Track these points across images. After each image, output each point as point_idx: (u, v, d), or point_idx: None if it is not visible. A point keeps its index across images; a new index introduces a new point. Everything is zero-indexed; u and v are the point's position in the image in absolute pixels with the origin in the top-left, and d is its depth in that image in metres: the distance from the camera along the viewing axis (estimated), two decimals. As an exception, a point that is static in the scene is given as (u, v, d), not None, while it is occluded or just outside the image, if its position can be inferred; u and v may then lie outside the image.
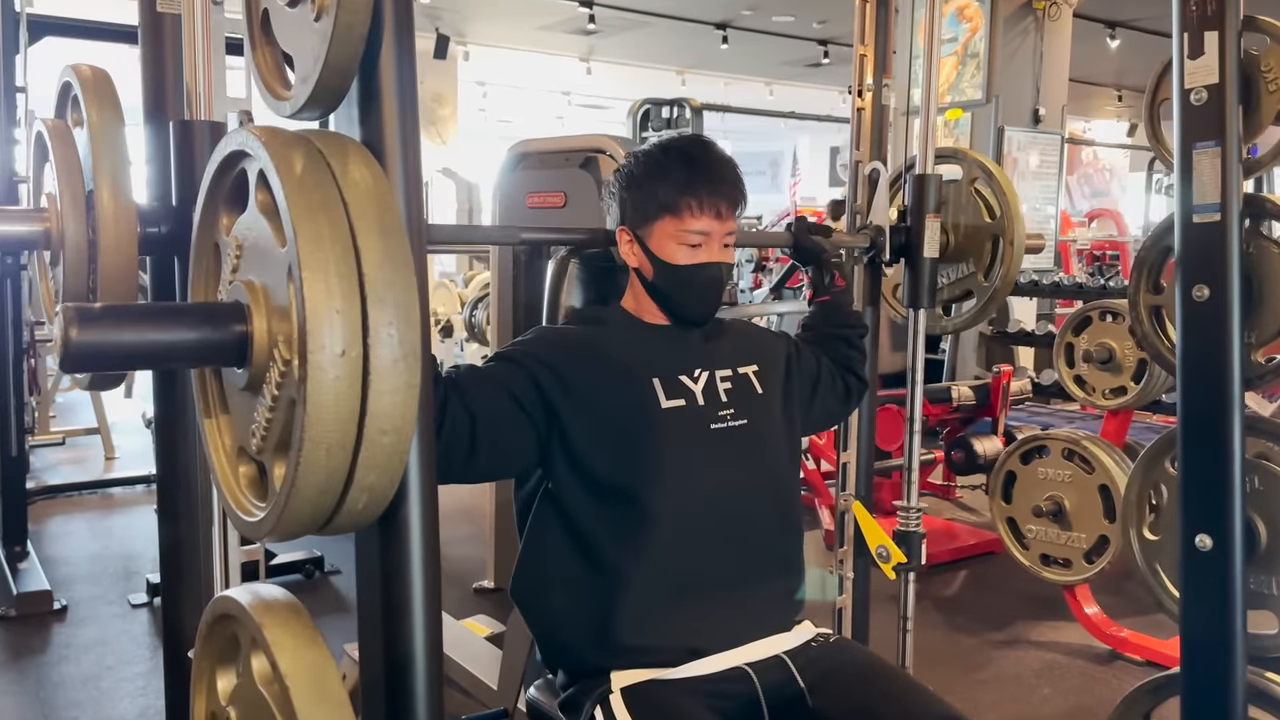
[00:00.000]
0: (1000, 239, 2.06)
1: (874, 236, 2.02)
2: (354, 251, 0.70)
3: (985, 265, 2.09)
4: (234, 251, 0.81)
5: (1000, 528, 3.22)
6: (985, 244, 2.09)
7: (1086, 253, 8.33)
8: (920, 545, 2.05)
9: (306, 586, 3.62)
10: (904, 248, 2.02)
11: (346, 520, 0.76)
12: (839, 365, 1.75)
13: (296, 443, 0.69)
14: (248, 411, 0.80)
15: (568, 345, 1.48)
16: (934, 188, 2.00)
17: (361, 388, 0.69)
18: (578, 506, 1.44)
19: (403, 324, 0.70)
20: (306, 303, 0.67)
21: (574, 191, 3.05)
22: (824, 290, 1.81)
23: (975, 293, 2.12)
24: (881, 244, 2.01)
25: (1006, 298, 6.46)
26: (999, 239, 2.07)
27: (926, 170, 2.00)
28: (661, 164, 1.49)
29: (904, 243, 2.02)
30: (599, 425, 1.42)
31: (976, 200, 2.10)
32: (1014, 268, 2.04)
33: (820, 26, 10.65)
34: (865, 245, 2.01)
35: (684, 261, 1.48)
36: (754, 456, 1.52)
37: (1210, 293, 1.58)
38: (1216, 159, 1.56)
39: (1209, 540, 1.60)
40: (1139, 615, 3.39)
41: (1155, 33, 10.43)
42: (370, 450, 0.71)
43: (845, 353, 1.76)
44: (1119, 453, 2.99)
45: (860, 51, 2.08)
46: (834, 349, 1.76)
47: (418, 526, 0.83)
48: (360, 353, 0.69)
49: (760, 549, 1.51)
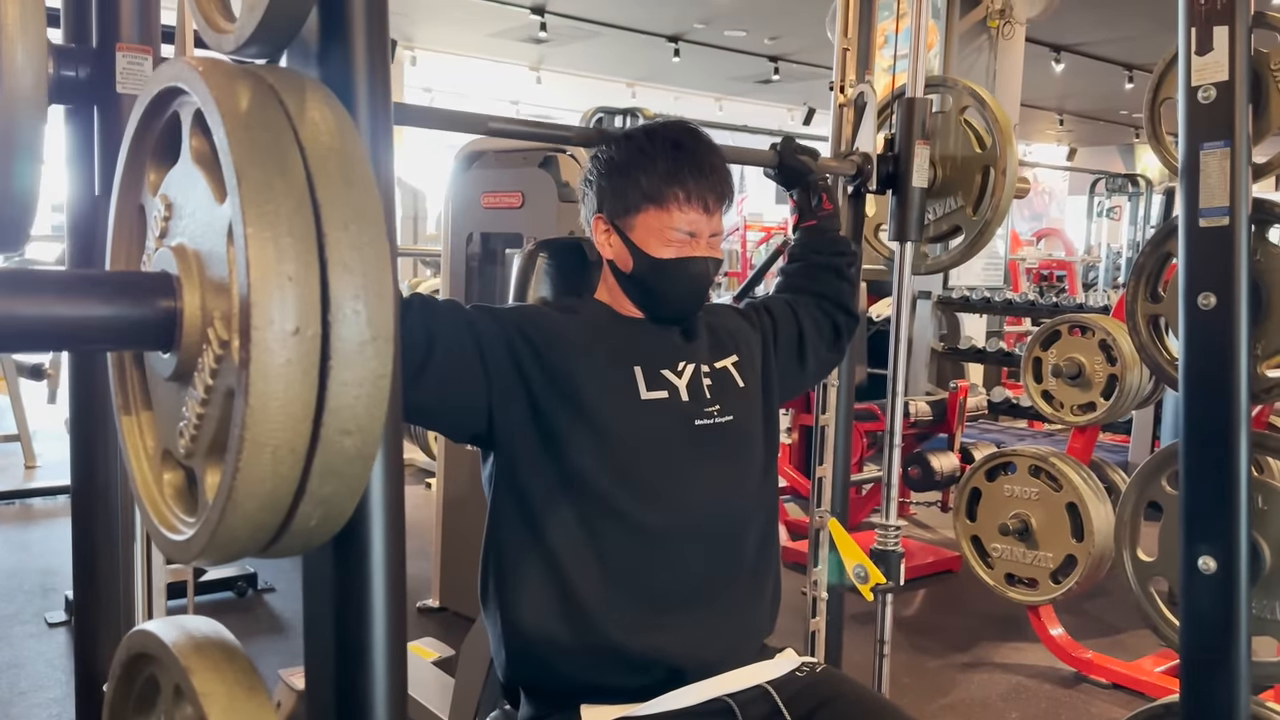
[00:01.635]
0: (991, 169, 1.96)
1: (861, 164, 1.90)
2: (312, 205, 0.56)
3: (974, 198, 1.99)
4: (161, 213, 0.67)
5: (964, 546, 3.14)
6: (975, 176, 1.98)
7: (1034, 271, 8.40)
8: (900, 565, 1.95)
9: (238, 605, 3.41)
10: (891, 177, 1.92)
11: (295, 541, 0.62)
12: (827, 302, 1.61)
13: (235, 444, 0.55)
14: (175, 407, 0.66)
15: (544, 322, 1.37)
16: (925, 112, 1.91)
17: (319, 376, 0.56)
18: (544, 502, 1.32)
19: (373, 298, 0.57)
20: (251, 266, 0.53)
21: (532, 191, 2.92)
22: (810, 214, 1.69)
23: (964, 228, 2.01)
24: (869, 172, 1.90)
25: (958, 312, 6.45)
26: (990, 169, 1.97)
27: (917, 94, 1.90)
28: (646, 150, 1.38)
29: (891, 172, 1.92)
30: (571, 411, 1.31)
31: (966, 131, 2.01)
32: (1006, 199, 1.94)
33: (771, 43, 10.67)
34: (851, 173, 1.90)
35: (670, 255, 1.37)
36: (739, 457, 1.41)
37: (1217, 301, 1.50)
38: (1225, 160, 1.49)
39: (1213, 562, 1.52)
40: (1101, 636, 3.34)
41: (1100, 58, 10.63)
42: (328, 455, 0.58)
43: (834, 285, 1.64)
44: (1087, 470, 2.93)
45: (842, 45, 1.98)
46: (822, 281, 1.63)
47: (380, 548, 0.69)
48: (318, 331, 0.55)
49: (744, 561, 1.40)
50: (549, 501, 1.30)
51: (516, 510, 1.32)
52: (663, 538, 1.32)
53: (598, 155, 1.44)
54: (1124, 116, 14.48)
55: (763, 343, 1.52)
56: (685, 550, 1.34)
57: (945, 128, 2.03)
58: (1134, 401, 2.89)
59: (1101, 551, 2.83)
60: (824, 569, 2.02)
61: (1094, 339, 2.89)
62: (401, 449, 0.71)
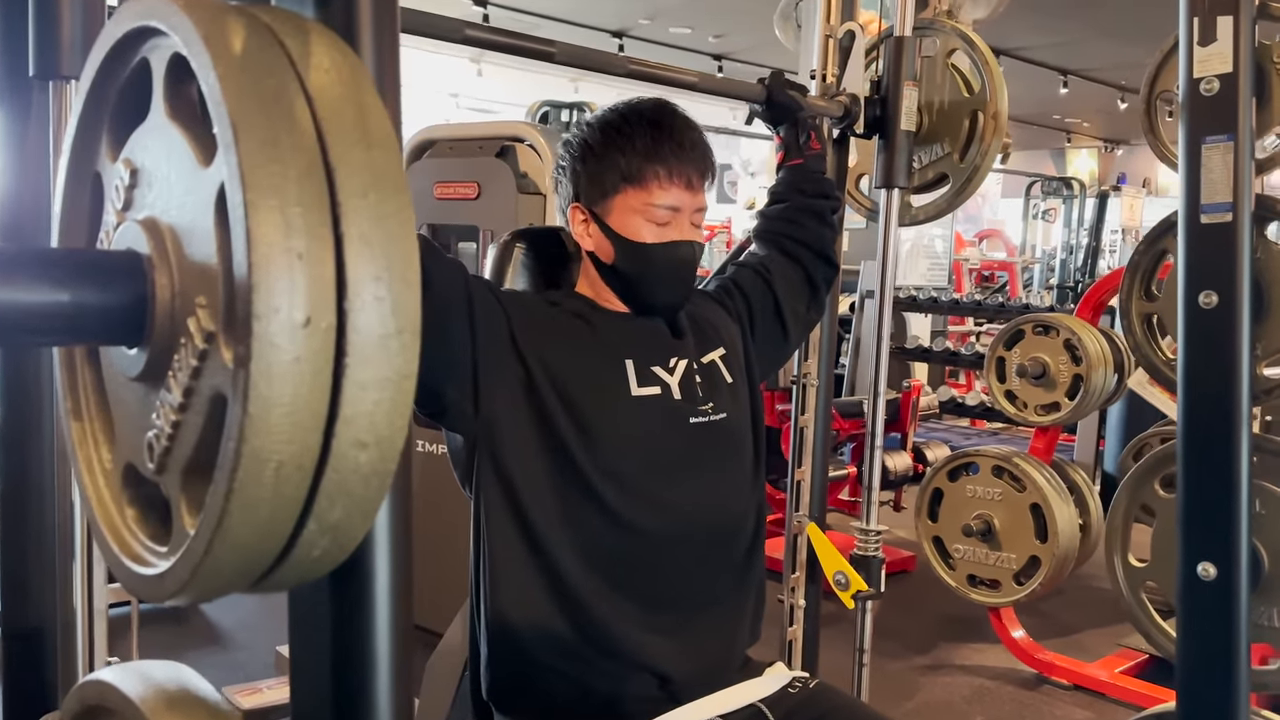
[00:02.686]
0: (980, 114, 1.90)
1: (849, 104, 1.83)
2: (324, 169, 0.46)
3: (962, 145, 1.93)
4: (124, 181, 0.56)
5: (926, 547, 3.10)
6: (962, 121, 1.92)
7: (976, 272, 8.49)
8: (880, 571, 1.89)
9: (173, 616, 3.24)
10: (879, 120, 1.85)
11: (291, 575, 0.52)
12: (806, 250, 1.53)
13: (229, 460, 0.45)
14: (141, 413, 0.55)
15: (533, 307, 1.30)
16: (913, 52, 1.84)
17: (333, 377, 0.46)
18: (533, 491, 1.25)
19: (397, 281, 0.47)
20: (253, 242, 0.43)
21: (489, 182, 2.80)
22: (797, 152, 1.62)
23: (950, 175, 1.95)
24: (856, 113, 1.83)
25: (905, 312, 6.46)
26: (978, 114, 1.91)
27: (905, 33, 1.84)
28: (621, 130, 1.30)
29: (879, 115, 1.85)
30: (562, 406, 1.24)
31: (953, 75, 1.95)
32: (995, 144, 1.88)
33: (716, 40, 10.64)
34: (839, 114, 1.82)
35: (651, 239, 1.28)
36: (733, 457, 1.35)
37: (1219, 299, 1.46)
38: (1229, 154, 1.44)
39: (1212, 569, 1.47)
40: (1058, 637, 3.33)
41: (1037, 63, 10.80)
42: (340, 473, 0.47)
43: (816, 230, 1.56)
44: (1050, 470, 2.91)
45: (825, 32, 1.91)
46: (804, 227, 1.55)
47: (386, 582, 0.59)
48: (333, 323, 0.45)
49: (734, 565, 1.33)
50: (537, 493, 1.22)
51: (504, 498, 1.23)
52: (653, 538, 1.25)
53: (570, 140, 1.35)
54: (1057, 121, 14.77)
55: (742, 333, 1.45)
56: (676, 552, 1.27)
57: (931, 72, 1.97)
58: (1099, 401, 2.89)
59: (1065, 552, 2.82)
60: (802, 575, 1.95)
61: (1058, 339, 2.87)
62: (411, 465, 0.61)
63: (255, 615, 3.27)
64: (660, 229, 1.28)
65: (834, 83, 1.89)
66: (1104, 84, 11.78)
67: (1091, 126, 15.34)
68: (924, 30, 1.98)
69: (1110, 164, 16.36)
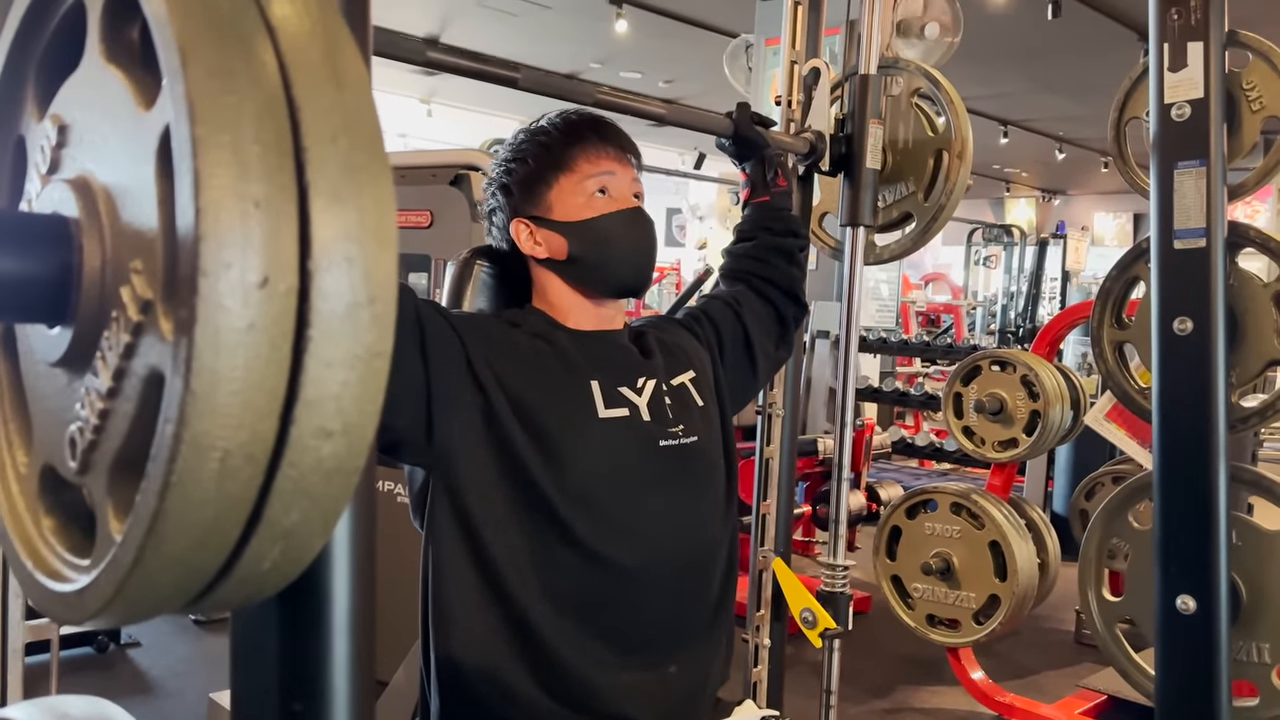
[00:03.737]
0: (945, 153, 1.89)
1: (814, 141, 1.79)
2: (287, 108, 0.39)
3: (926, 184, 1.90)
4: (51, 139, 0.49)
5: (884, 586, 3.05)
6: (927, 160, 1.90)
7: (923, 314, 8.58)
8: (849, 607, 1.83)
9: (98, 663, 3.06)
10: (844, 158, 1.82)
11: (236, 592, 0.44)
12: (775, 289, 1.49)
13: (165, 448, 0.38)
14: (63, 404, 0.47)
15: (492, 329, 1.23)
16: (879, 90, 1.82)
17: (293, 351, 0.39)
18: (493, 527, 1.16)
19: (371, 241, 0.40)
20: (201, 183, 0.36)
21: (442, 210, 2.74)
22: (764, 189, 1.57)
23: (915, 215, 1.92)
24: (822, 150, 1.79)
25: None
26: (943, 153, 1.89)
27: (870, 71, 1.81)
28: (536, 134, 1.28)
29: (844, 153, 1.81)
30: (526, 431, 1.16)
31: (918, 114, 1.93)
32: (960, 184, 1.86)
33: (666, 86, 10.74)
34: (804, 150, 1.79)
35: (597, 213, 1.24)
36: (704, 482, 1.28)
37: (1193, 325, 1.44)
38: (1201, 179, 1.43)
39: (1192, 602, 1.44)
40: (1015, 678, 3.29)
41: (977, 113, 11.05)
42: (299, 467, 0.40)
43: (784, 270, 1.51)
44: (1008, 507, 2.89)
45: (790, 57, 1.89)
46: (772, 266, 1.51)
47: (345, 604, 0.51)
48: (294, 285, 0.38)
49: (709, 599, 1.26)
50: (498, 527, 1.14)
51: (461, 538, 1.15)
52: (624, 572, 1.17)
53: (495, 165, 1.33)
54: (997, 170, 15.12)
55: (712, 359, 1.40)
56: (650, 585, 1.19)
57: (896, 111, 1.96)
58: (1056, 438, 2.87)
59: (1025, 591, 2.78)
60: (767, 613, 1.88)
61: (1015, 374, 2.87)
62: (375, 467, 0.54)
63: (186, 661, 3.11)
64: (604, 204, 1.25)
65: (799, 118, 1.87)
66: (1043, 134, 12.10)
67: (1030, 176, 15.73)
68: (889, 69, 1.97)
69: (1048, 213, 16.77)
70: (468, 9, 8.04)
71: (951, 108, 1.90)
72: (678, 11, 7.88)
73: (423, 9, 8.11)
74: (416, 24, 8.60)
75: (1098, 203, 16.35)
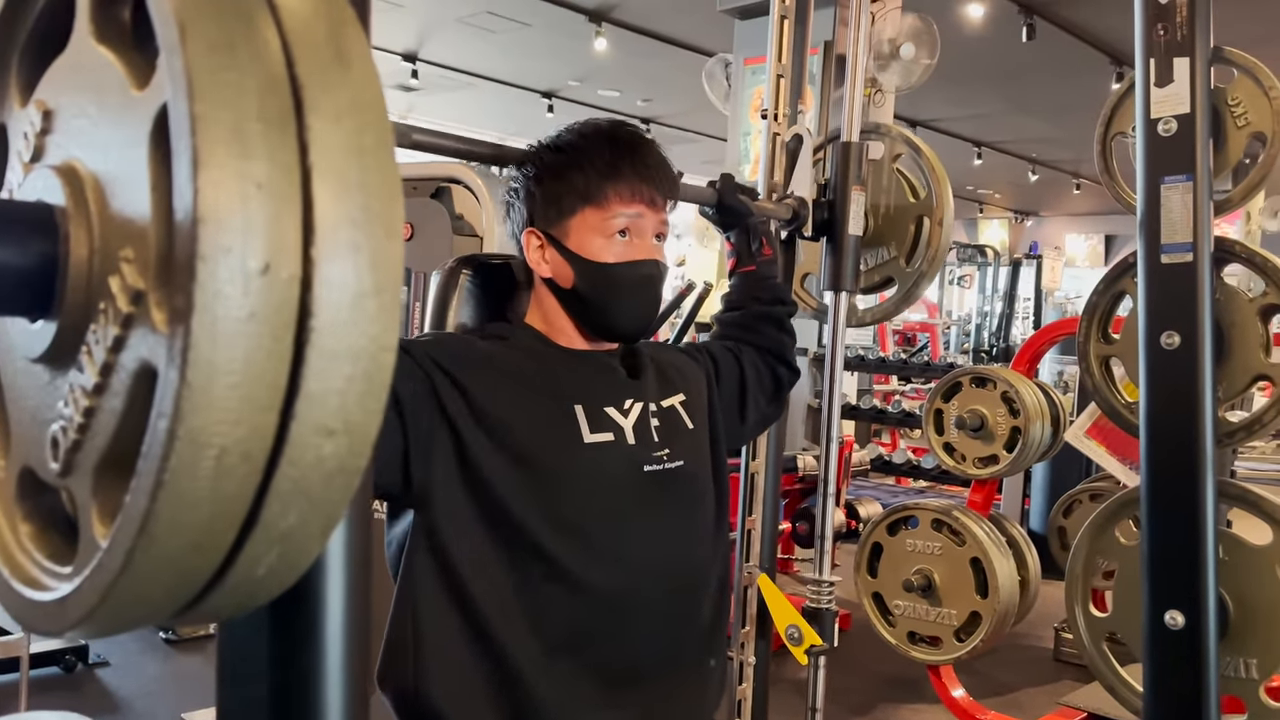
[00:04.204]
0: (926, 219, 1.89)
1: (797, 208, 1.79)
2: (290, 86, 0.37)
3: (908, 249, 1.91)
4: (35, 125, 0.47)
5: (866, 603, 3.03)
6: (908, 225, 1.91)
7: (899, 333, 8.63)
8: (834, 624, 1.81)
9: (66, 684, 2.99)
10: (826, 223, 1.81)
11: (229, 600, 0.42)
12: (768, 354, 1.48)
13: (158, 444, 0.35)
14: (44, 402, 0.45)
15: (469, 354, 1.17)
16: (860, 157, 1.82)
17: (295, 343, 0.37)
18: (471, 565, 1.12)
19: (378, 228, 0.38)
20: (201, 162, 0.34)
21: (423, 223, 2.71)
22: (749, 259, 1.56)
23: (897, 279, 1.93)
24: (805, 216, 1.79)
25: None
26: (924, 219, 1.90)
27: (853, 138, 1.81)
28: (578, 148, 1.22)
29: (826, 218, 1.81)
30: (505, 458, 1.12)
31: (899, 179, 1.94)
32: (941, 250, 1.87)
33: (644, 104, 10.78)
34: (787, 217, 1.78)
35: (614, 259, 1.20)
36: (693, 507, 1.25)
37: (1180, 340, 1.44)
38: (1188, 194, 1.44)
39: (1181, 617, 1.43)
40: (995, 696, 3.29)
41: (952, 134, 11.17)
42: (299, 465, 0.38)
43: (775, 337, 1.51)
44: (989, 524, 2.88)
45: (777, 71, 1.89)
46: (762, 333, 1.50)
47: (340, 614, 0.49)
48: (297, 273, 0.36)
49: (699, 626, 1.23)
50: (479, 565, 1.10)
51: (438, 577, 1.10)
52: (613, 602, 1.14)
53: (522, 165, 1.27)
54: (970, 192, 15.28)
55: (707, 385, 1.37)
56: (638, 614, 1.16)
57: (878, 175, 1.96)
58: (1036, 454, 2.88)
59: (1006, 608, 2.77)
60: (752, 630, 1.86)
61: (996, 391, 2.87)
62: (372, 469, 0.52)
63: (157, 680, 3.04)
64: (623, 247, 1.21)
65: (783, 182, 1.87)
66: (1016, 156, 12.24)
67: (1003, 198, 15.90)
68: (870, 134, 1.98)
69: (1021, 234, 16.95)
70: (446, 25, 8.05)
71: (933, 174, 1.92)
72: (657, 31, 7.92)
73: (401, 26, 8.10)
74: (395, 40, 8.59)
75: (1070, 224, 16.55)
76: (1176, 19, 1.43)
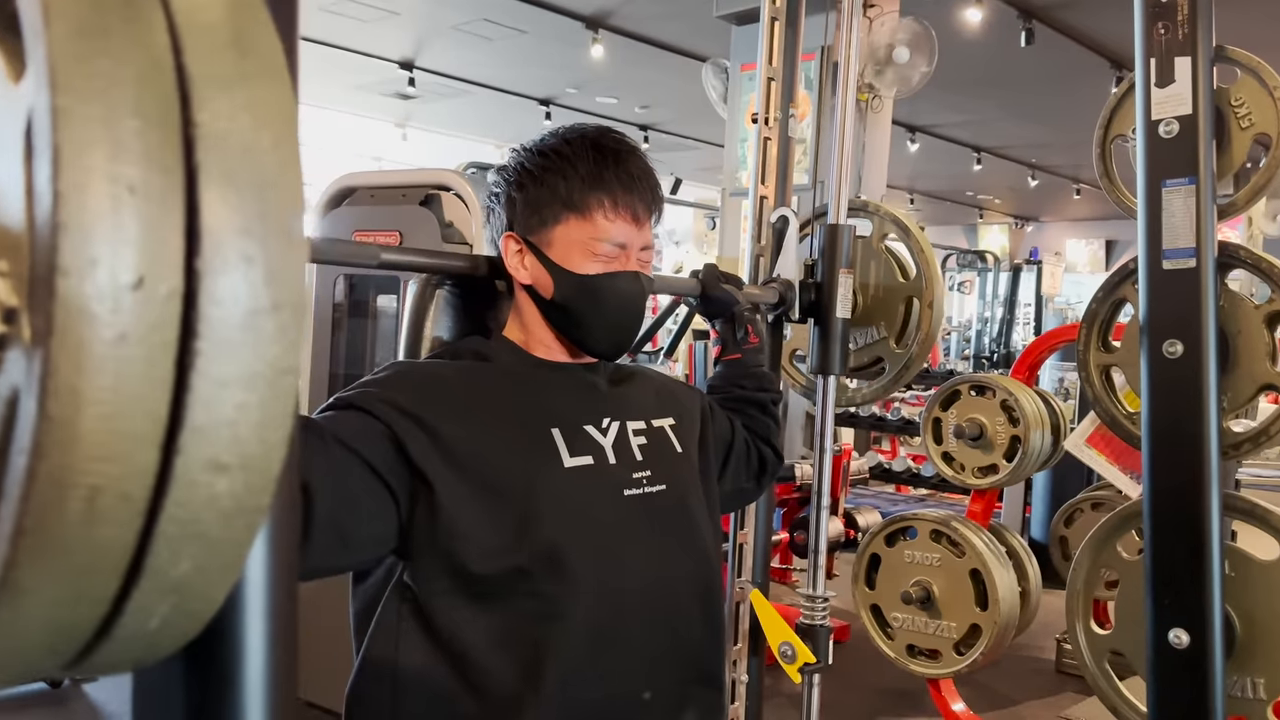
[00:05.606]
0: (917, 301, 1.86)
1: (784, 291, 1.75)
2: (176, 77, 0.33)
3: (898, 330, 1.87)
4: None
5: (864, 615, 2.98)
6: (898, 306, 1.88)
7: (899, 340, 8.56)
8: (829, 641, 1.76)
9: (51, 699, 2.94)
10: (814, 305, 1.78)
11: (124, 650, 0.37)
12: (755, 435, 1.47)
13: (18, 484, 0.31)
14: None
15: (435, 387, 1.10)
16: (848, 239, 1.77)
17: (176, 365, 0.32)
18: (450, 607, 1.05)
19: (276, 239, 0.34)
20: (60, 162, 0.30)
21: (411, 231, 2.67)
22: (735, 347, 1.53)
23: (887, 360, 1.90)
24: (791, 299, 1.76)
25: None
26: (914, 300, 1.86)
27: (840, 220, 1.77)
28: (562, 153, 1.17)
29: (814, 300, 1.77)
30: (480, 493, 1.05)
31: (888, 258, 1.90)
32: (932, 332, 1.84)
33: (642, 111, 10.75)
34: (774, 300, 1.74)
35: (595, 271, 1.16)
36: (678, 532, 1.19)
37: (1184, 348, 1.39)
38: (1190, 197, 1.39)
39: (1185, 636, 1.39)
40: (999, 709, 3.23)
41: (951, 140, 11.14)
42: (188, 506, 0.34)
43: (760, 421, 1.49)
44: (988, 535, 2.83)
45: (767, 75, 1.85)
46: (746, 416, 1.48)
47: (261, 662, 0.45)
48: (179, 288, 0.32)
49: (692, 658, 1.17)
50: (458, 609, 1.03)
51: (416, 612, 1.04)
52: (600, 632, 1.08)
53: (505, 167, 1.23)
54: (969, 197, 15.25)
55: (702, 418, 1.32)
56: (626, 645, 1.10)
57: (867, 253, 1.93)
58: (1037, 463, 2.83)
59: (1007, 620, 2.72)
60: (744, 647, 1.81)
61: (995, 399, 2.82)
62: (298, 503, 0.48)
63: (143, 699, 2.99)
64: (605, 262, 1.16)
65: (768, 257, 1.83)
66: (1016, 162, 12.20)
67: (1003, 203, 15.87)
68: (858, 213, 1.94)
69: (1020, 239, 16.92)
70: (443, 33, 8.02)
71: (922, 256, 1.88)
72: (654, 37, 7.89)
73: (398, 33, 8.07)
74: (392, 48, 8.56)
75: (1070, 229, 16.51)
76: (1178, 17, 1.39)
